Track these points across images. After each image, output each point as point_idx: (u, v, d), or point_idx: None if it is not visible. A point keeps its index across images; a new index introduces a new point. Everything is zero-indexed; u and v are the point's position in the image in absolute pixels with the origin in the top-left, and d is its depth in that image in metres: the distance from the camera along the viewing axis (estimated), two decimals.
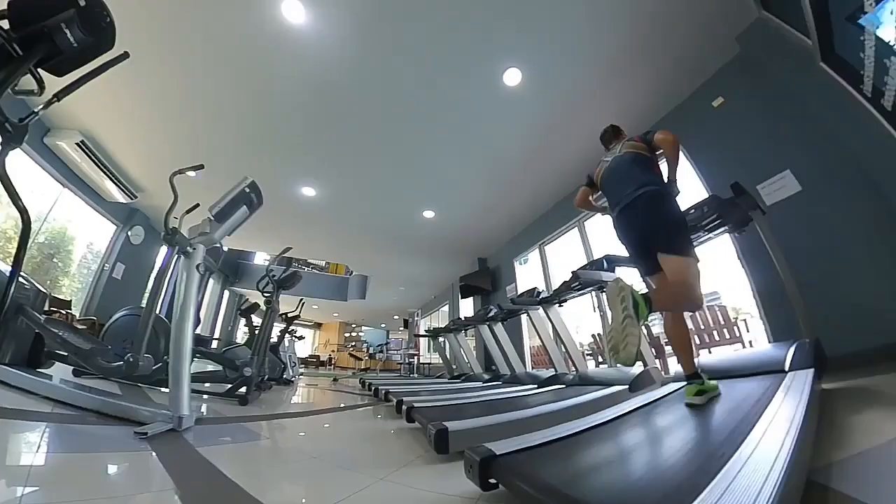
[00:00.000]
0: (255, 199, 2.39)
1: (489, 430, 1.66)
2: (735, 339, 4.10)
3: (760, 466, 0.82)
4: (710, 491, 0.73)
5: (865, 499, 0.82)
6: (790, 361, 1.90)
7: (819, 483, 0.92)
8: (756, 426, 1.11)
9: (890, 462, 1.01)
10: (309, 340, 17.92)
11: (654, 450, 1.17)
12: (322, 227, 6.74)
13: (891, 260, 2.35)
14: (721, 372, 2.06)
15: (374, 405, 3.58)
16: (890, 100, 2.07)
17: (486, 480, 1.04)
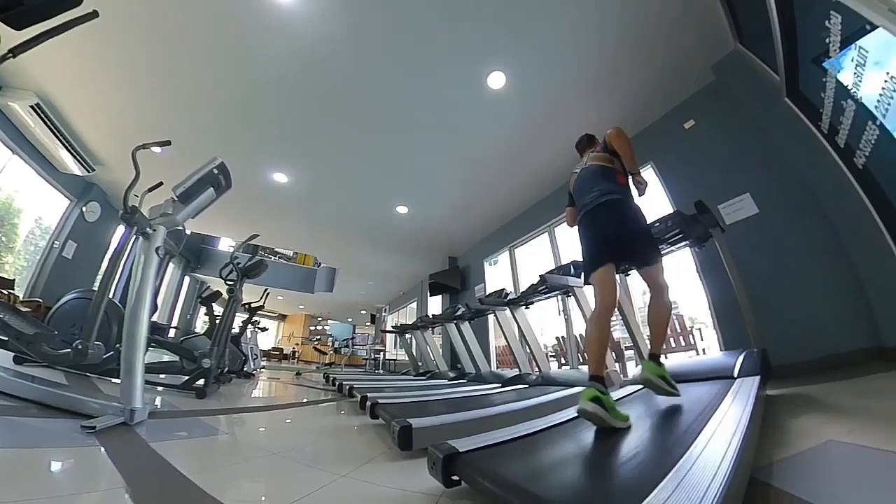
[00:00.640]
0: (224, 181, 2.29)
1: (453, 427, 1.67)
2: (690, 346, 4.33)
3: (709, 465, 0.87)
4: (662, 487, 0.77)
5: (801, 495, 0.90)
6: (739, 369, 2.03)
7: (761, 480, 1.00)
8: (706, 427, 1.18)
9: (823, 462, 1.11)
10: (272, 332, 17.36)
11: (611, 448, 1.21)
12: (292, 215, 6.51)
13: (832, 282, 2.60)
14: (678, 376, 2.15)
15: (337, 401, 3.51)
16: (843, 138, 2.29)
17: (448, 477, 1.04)
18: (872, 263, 2.36)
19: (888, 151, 1.98)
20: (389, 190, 5.58)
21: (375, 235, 7.28)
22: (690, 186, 3.50)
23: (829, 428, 1.37)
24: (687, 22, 2.98)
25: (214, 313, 4.74)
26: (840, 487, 0.94)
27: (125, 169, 2.17)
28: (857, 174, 2.35)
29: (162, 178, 2.51)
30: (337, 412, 2.98)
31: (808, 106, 2.57)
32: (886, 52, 1.69)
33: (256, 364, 6.48)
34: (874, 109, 1.93)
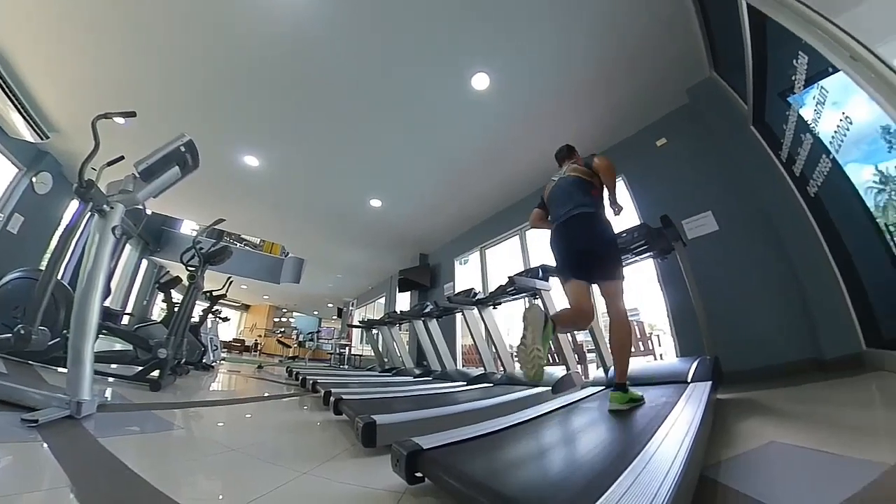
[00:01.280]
0: (191, 160, 2.18)
1: (417, 424, 1.67)
2: (648, 351, 4.56)
3: (663, 463, 0.92)
4: (619, 483, 0.81)
5: (745, 491, 0.97)
6: (692, 374, 2.16)
7: (710, 478, 1.07)
8: (660, 428, 1.25)
9: (766, 461, 1.20)
10: (234, 323, 16.63)
11: (571, 446, 1.25)
12: (261, 201, 6.24)
13: (780, 298, 2.83)
14: (636, 379, 2.27)
15: (300, 395, 3.43)
16: (799, 168, 2.51)
17: (412, 474, 1.05)
18: (816, 283, 2.61)
19: (837, 183, 2.18)
20: (364, 182, 5.48)
21: (347, 227, 7.14)
22: (657, 201, 3.68)
23: (772, 430, 1.48)
24: (668, 45, 3.14)
25: (173, 300, 4.50)
26: (780, 484, 1.02)
27: (84, 139, 2.01)
28: (809, 202, 2.59)
29: (123, 152, 2.33)
30: (299, 407, 2.90)
31: (771, 135, 2.80)
32: (844, 95, 1.85)
33: (216, 356, 6.21)
34: (829, 144, 2.13)
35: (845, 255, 2.43)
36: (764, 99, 2.71)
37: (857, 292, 2.38)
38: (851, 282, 2.41)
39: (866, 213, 2.07)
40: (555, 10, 2.84)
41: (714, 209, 3.30)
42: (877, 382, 1.99)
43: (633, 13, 2.87)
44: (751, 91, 2.72)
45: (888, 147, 1.75)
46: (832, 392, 2.03)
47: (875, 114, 1.61)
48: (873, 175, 1.97)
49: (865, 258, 2.31)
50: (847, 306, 2.41)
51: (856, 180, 2.08)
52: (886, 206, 1.97)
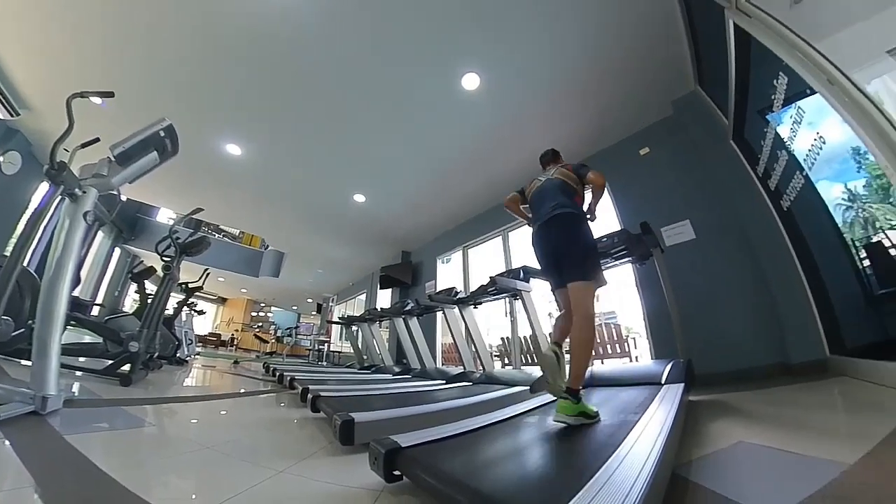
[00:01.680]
0: (170, 145, 2.11)
1: (396, 422, 1.66)
2: (625, 353, 4.67)
3: (637, 461, 0.94)
4: (594, 480, 0.83)
5: (714, 488, 1.01)
6: (666, 376, 2.22)
7: (681, 476, 1.11)
8: (635, 428, 1.28)
9: (734, 459, 1.27)
10: (210, 316, 16.15)
11: (548, 445, 1.27)
12: (243, 191, 6.06)
13: (751, 305, 2.97)
14: (611, 380, 2.39)
15: (277, 392, 3.37)
16: (774, 182, 2.65)
17: (390, 472, 1.04)
18: (786, 293, 2.75)
19: (809, 199, 2.31)
20: (349, 177, 5.41)
21: (329, 222, 7.04)
22: (638, 208, 3.80)
23: (741, 431, 1.55)
24: (657, 57, 3.24)
25: (146, 292, 4.37)
26: (747, 481, 1.08)
27: (57, 118, 1.92)
28: (782, 215, 2.74)
29: (99, 134, 2.24)
30: (276, 404, 2.85)
31: (749, 150, 2.94)
32: (819, 116, 1.96)
33: (191, 350, 6.05)
34: (802, 162, 2.25)
35: (813, 267, 2.58)
36: (744, 115, 2.84)
37: (823, 302, 2.53)
38: (818, 292, 2.56)
39: (834, 228, 2.20)
40: (547, 16, 2.88)
41: (692, 218, 3.43)
42: (839, 387, 2.11)
43: (624, 24, 2.94)
44: (732, 107, 2.85)
45: (857, 167, 1.85)
46: (798, 395, 2.13)
47: (847, 135, 1.69)
48: (842, 193, 2.09)
49: (832, 271, 2.45)
50: (813, 315, 2.57)
51: (826, 197, 2.21)
52: (853, 222, 2.09)
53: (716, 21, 2.34)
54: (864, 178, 1.88)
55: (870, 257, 2.05)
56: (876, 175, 1.72)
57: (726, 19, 2.21)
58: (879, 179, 1.69)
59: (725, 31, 2.30)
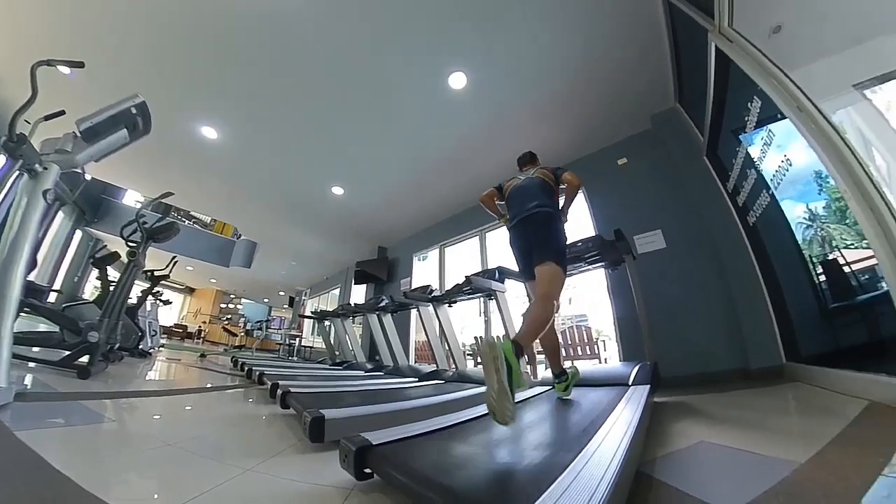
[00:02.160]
0: (142, 124, 2.01)
1: (367, 419, 1.64)
2: (594, 355, 4.81)
3: (603, 459, 0.96)
4: (563, 478, 0.84)
5: (676, 485, 1.06)
6: (633, 377, 2.29)
7: (646, 473, 1.15)
8: (602, 427, 1.31)
9: (695, 458, 1.33)
10: (177, 307, 15.47)
11: (519, 444, 1.28)
12: (216, 177, 5.83)
13: (716, 314, 3.14)
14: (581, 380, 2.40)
15: (245, 387, 3.28)
16: (742, 199, 2.82)
17: (361, 470, 1.03)
18: (748, 302, 2.94)
19: (773, 216, 2.47)
20: (328, 168, 5.29)
21: (305, 213, 6.87)
22: (613, 215, 3.93)
23: (702, 431, 1.63)
24: (640, 73, 3.37)
25: (109, 278, 4.14)
26: (707, 479, 1.14)
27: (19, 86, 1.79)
28: (748, 230, 2.92)
29: (65, 107, 2.09)
30: (244, 400, 2.77)
31: (721, 167, 3.12)
32: (788, 139, 2.08)
33: (155, 342, 5.79)
34: (769, 181, 2.40)
35: (774, 279, 2.76)
36: (718, 133, 3.00)
37: (781, 313, 2.71)
38: (777, 304, 2.75)
39: (795, 244, 2.36)
40: (539, 22, 2.93)
41: (664, 228, 3.58)
42: (793, 392, 2.27)
43: (612, 37, 3.04)
44: (708, 125, 3.00)
45: (819, 189, 1.99)
46: (755, 398, 2.26)
47: (811, 159, 1.81)
48: (804, 212, 2.24)
49: (791, 284, 2.63)
50: (772, 325, 2.76)
51: (789, 215, 2.36)
52: (812, 240, 2.25)
53: (699, 43, 2.46)
54: (824, 199, 2.02)
55: (825, 273, 2.22)
56: (835, 198, 1.85)
57: (709, 42, 2.32)
58: (838, 202, 1.82)
59: (707, 53, 2.41)
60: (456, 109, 3.89)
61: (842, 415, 1.55)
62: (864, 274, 1.82)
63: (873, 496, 0.87)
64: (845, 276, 2.00)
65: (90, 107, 1.85)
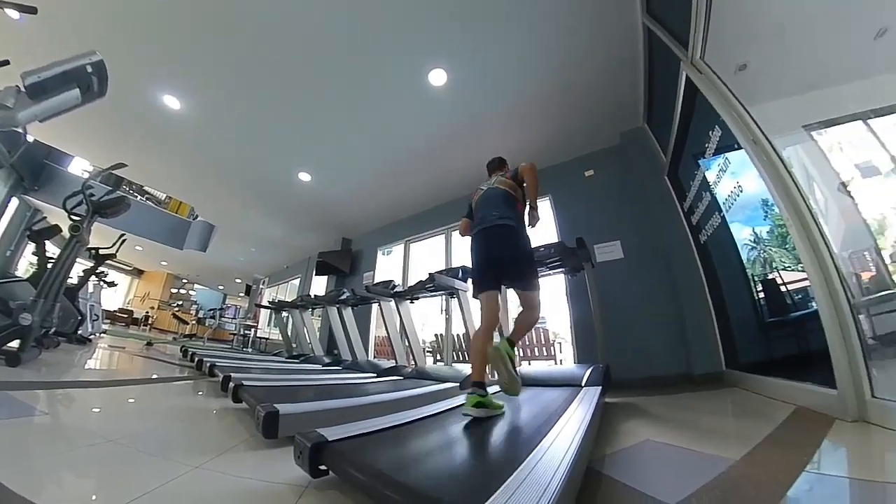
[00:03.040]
0: (97, 84, 1.83)
1: (323, 415, 1.62)
2: (551, 356, 4.96)
3: (556, 455, 1.01)
4: (517, 473, 0.87)
5: (623, 480, 1.14)
6: (586, 379, 2.42)
7: (595, 469, 1.22)
8: (556, 425, 1.36)
9: (641, 455, 1.43)
10: (122, 289, 14.28)
11: (476, 441, 1.30)
12: (176, 151, 5.40)
13: (665, 322, 3.37)
14: (537, 380, 2.54)
15: (195, 379, 3.12)
16: (696, 219, 3.08)
17: (316, 467, 1.01)
18: (694, 314, 3.20)
19: (722, 237, 2.70)
20: (296, 153, 5.08)
21: (269, 198, 6.58)
22: (576, 224, 4.12)
23: (648, 430, 1.74)
24: (614, 90, 3.54)
25: (47, 254, 3.81)
26: (651, 474, 1.23)
27: None
28: (699, 247, 3.19)
29: (9, 56, 1.91)
30: (193, 393, 2.63)
31: (679, 187, 3.37)
32: (741, 168, 2.27)
33: (96, 327, 5.39)
34: (721, 205, 2.63)
35: (719, 294, 3.02)
36: (680, 156, 3.22)
37: (724, 324, 2.97)
38: (720, 316, 3.01)
39: (740, 263, 2.59)
40: (524, 30, 3.00)
41: (623, 240, 3.80)
42: (731, 396, 2.48)
43: (592, 54, 3.18)
44: (671, 147, 3.22)
45: (764, 215, 2.19)
46: (697, 401, 2.45)
47: (761, 188, 1.99)
48: (750, 235, 2.46)
49: (733, 299, 2.89)
50: (715, 334, 3.03)
51: (737, 237, 2.59)
52: (755, 260, 2.47)
53: (671, 70, 2.63)
54: (768, 225, 2.21)
55: (764, 291, 2.44)
56: (778, 224, 2.03)
57: (681, 71, 2.49)
58: (780, 228, 2.00)
59: (678, 80, 2.59)
60: (433, 106, 3.88)
61: (772, 418, 1.71)
62: (798, 294, 2.03)
63: (797, 490, 0.98)
64: (781, 294, 2.22)
65: (39, 60, 1.67)
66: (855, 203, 1.71)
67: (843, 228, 1.77)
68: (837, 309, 1.57)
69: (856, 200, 1.71)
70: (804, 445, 1.31)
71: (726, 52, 2.10)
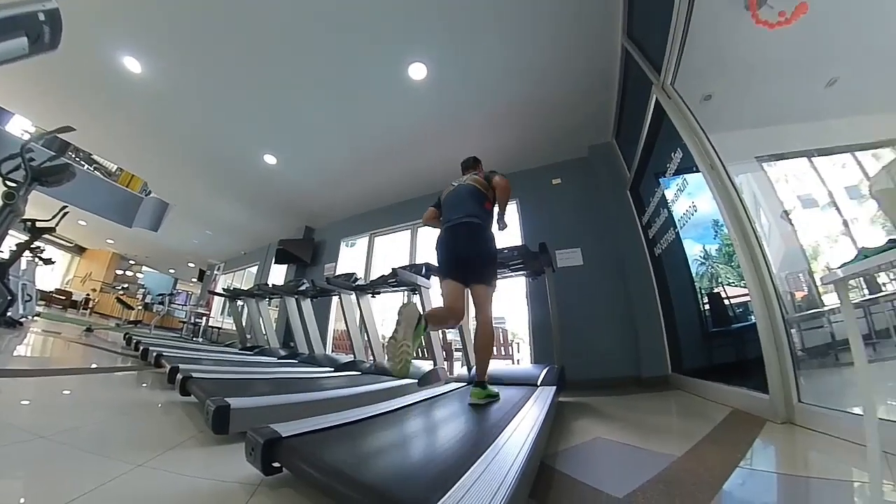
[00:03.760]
0: (49, 35, 1.68)
1: (277, 410, 1.57)
2: (509, 356, 5.08)
3: (511, 452, 1.04)
4: (473, 469, 0.89)
5: (574, 475, 1.20)
6: (542, 378, 2.51)
7: (548, 465, 1.29)
8: (511, 422, 1.40)
9: (591, 452, 1.52)
10: (60, 268, 12.98)
11: (432, 437, 1.32)
12: (132, 120, 4.90)
13: (618, 327, 3.59)
14: (495, 379, 2.53)
15: (139, 370, 2.90)
16: (652, 233, 3.32)
17: (269, 464, 0.98)
18: (644, 321, 3.43)
19: (675, 251, 2.93)
20: (264, 132, 4.81)
21: (231, 178, 6.20)
22: (540, 229, 4.27)
23: (599, 428, 1.85)
24: (588, 105, 3.72)
25: None
26: (601, 469, 1.32)
27: None
28: (653, 259, 3.43)
29: None
30: (137, 384, 2.45)
31: (640, 202, 3.60)
32: (697, 190, 2.47)
33: (28, 309, 4.88)
34: (677, 221, 2.85)
35: (669, 303, 3.27)
36: (643, 173, 3.44)
37: (671, 332, 3.22)
38: (669, 324, 3.25)
39: (689, 277, 2.81)
40: (507, 36, 3.06)
41: (583, 247, 4.00)
42: (675, 398, 2.68)
43: (571, 68, 3.32)
44: (636, 164, 3.43)
45: (714, 235, 2.40)
46: (644, 402, 2.63)
47: (713, 209, 2.18)
48: (700, 251, 2.69)
49: (681, 309, 3.13)
50: (663, 340, 3.26)
51: (688, 252, 2.80)
52: (703, 275, 2.70)
53: (643, 92, 2.80)
54: (717, 243, 2.42)
55: (709, 303, 2.67)
56: (726, 243, 2.22)
57: (651, 94, 2.65)
58: (728, 247, 2.19)
59: (648, 102, 2.75)
60: (411, 100, 3.84)
61: (711, 418, 1.87)
62: (739, 307, 2.24)
63: (731, 483, 1.10)
64: (724, 307, 2.44)
65: None
66: (794, 230, 1.91)
67: (782, 251, 1.97)
68: (773, 323, 1.74)
69: (795, 228, 1.90)
70: (739, 444, 1.45)
71: (695, 82, 2.27)
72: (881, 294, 1.45)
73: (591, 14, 2.87)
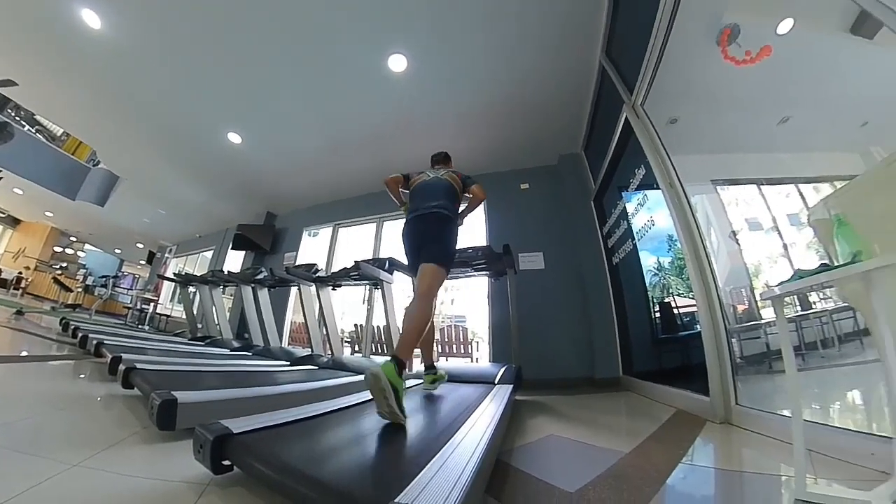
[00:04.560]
0: None
1: (228, 405, 1.51)
2: (468, 354, 5.17)
3: (468, 448, 1.05)
4: (431, 465, 0.90)
5: (528, 470, 1.26)
6: (500, 377, 2.57)
7: (504, 461, 1.34)
8: (468, 420, 1.42)
9: (545, 448, 1.59)
10: None
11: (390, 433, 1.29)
12: (86, 80, 4.40)
13: (573, 330, 3.77)
14: (454, 376, 2.59)
15: (77, 359, 2.70)
16: (611, 243, 3.55)
17: (219, 462, 0.94)
18: (599, 325, 3.63)
19: (631, 261, 3.14)
20: (230, 109, 4.50)
21: (190, 154, 5.78)
22: (505, 231, 4.39)
23: (552, 426, 1.94)
24: (561, 116, 3.87)
25: None
26: (554, 465, 1.38)
27: None
28: (611, 268, 3.65)
29: None
30: (74, 375, 2.27)
31: (602, 213, 3.83)
32: (656, 205, 2.63)
33: None
34: (635, 234, 3.04)
35: (623, 310, 3.48)
36: (607, 186, 3.64)
37: (624, 336, 3.43)
38: (622, 329, 3.47)
39: (643, 286, 2.99)
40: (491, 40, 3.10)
41: (545, 252, 4.15)
42: (625, 399, 2.86)
43: (548, 79, 3.43)
44: (601, 177, 3.62)
45: (668, 248, 2.57)
46: (596, 402, 2.77)
47: (668, 225, 2.35)
48: (654, 263, 2.87)
49: (634, 315, 3.34)
50: (616, 344, 3.48)
51: (643, 263, 2.99)
52: (656, 285, 2.88)
53: (614, 109, 2.94)
54: (671, 256, 2.59)
55: (660, 311, 2.86)
56: (678, 257, 2.39)
57: (622, 112, 2.78)
58: (680, 261, 2.36)
59: (618, 119, 2.89)
60: (387, 91, 3.77)
61: (657, 418, 2.01)
62: (686, 317, 2.43)
63: (674, 478, 1.19)
64: (673, 316, 2.63)
65: None
66: (740, 249, 2.08)
67: (728, 268, 2.13)
68: (716, 332, 1.91)
69: (741, 247, 2.08)
70: (681, 441, 1.57)
71: (663, 105, 2.43)
72: (811, 311, 1.62)
73: (574, 29, 2.98)
